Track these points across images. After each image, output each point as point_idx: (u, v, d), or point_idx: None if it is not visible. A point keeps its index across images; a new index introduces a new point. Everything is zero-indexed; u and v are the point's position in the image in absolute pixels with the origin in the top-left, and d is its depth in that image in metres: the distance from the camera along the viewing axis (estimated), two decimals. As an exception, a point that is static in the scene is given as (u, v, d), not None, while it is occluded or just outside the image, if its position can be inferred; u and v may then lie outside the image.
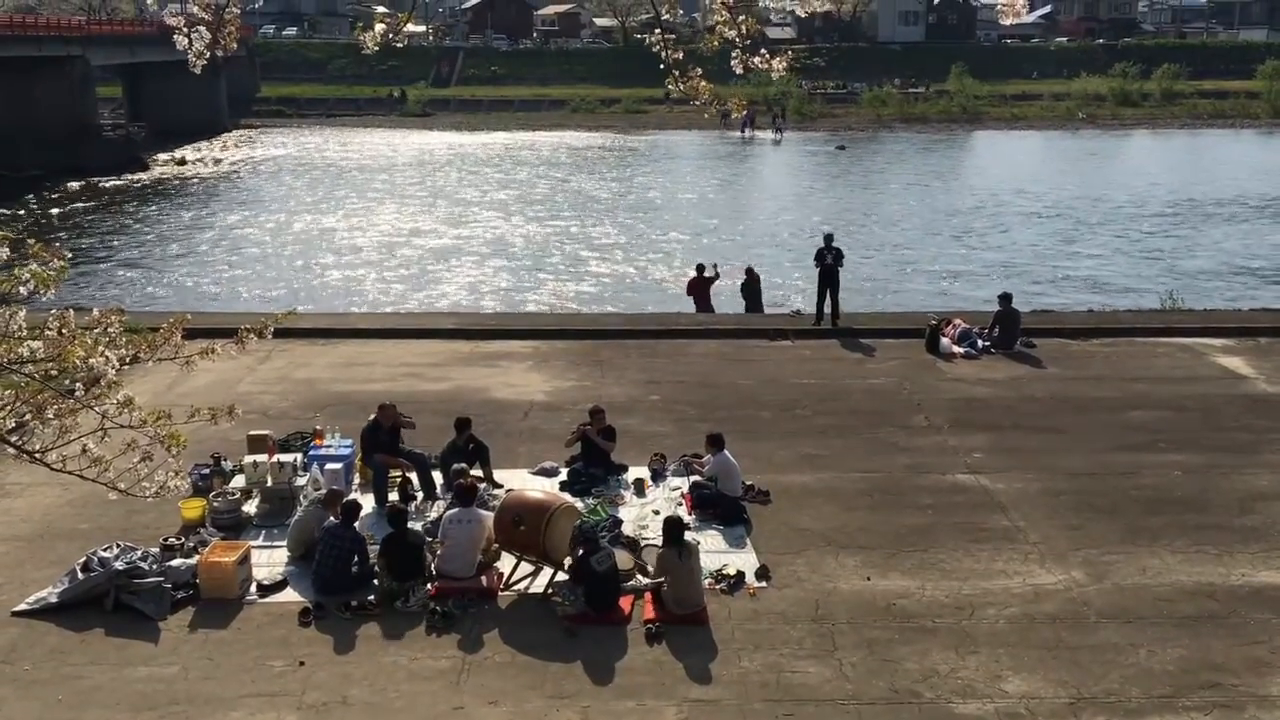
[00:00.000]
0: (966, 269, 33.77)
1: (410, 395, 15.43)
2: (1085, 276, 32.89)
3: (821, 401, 16.03)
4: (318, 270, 34.02)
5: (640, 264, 34.41)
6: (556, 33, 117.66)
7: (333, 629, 9.71)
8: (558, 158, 64.83)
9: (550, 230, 40.60)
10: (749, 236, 39.18)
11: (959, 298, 28.51)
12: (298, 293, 30.39)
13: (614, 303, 29.01)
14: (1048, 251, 36.78)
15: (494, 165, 61.35)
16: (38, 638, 9.54)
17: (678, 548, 10.07)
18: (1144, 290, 29.82)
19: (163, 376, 15.24)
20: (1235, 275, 33.20)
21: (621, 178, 56.03)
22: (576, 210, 45.26)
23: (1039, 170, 58.24)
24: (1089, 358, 18.52)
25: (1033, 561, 11.04)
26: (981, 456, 13.85)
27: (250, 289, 31.56)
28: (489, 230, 40.69)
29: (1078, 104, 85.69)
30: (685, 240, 38.35)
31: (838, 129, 79.27)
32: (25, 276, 4.66)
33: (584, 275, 33.07)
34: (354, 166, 61.31)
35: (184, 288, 32.02)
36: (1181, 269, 33.92)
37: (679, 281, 27.16)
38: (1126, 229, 40.93)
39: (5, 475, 12.69)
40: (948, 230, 40.67)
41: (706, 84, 5.57)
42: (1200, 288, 30.40)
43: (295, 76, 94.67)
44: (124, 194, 52.33)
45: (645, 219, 43.21)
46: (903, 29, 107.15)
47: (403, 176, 56.71)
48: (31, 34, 59.39)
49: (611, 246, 37.54)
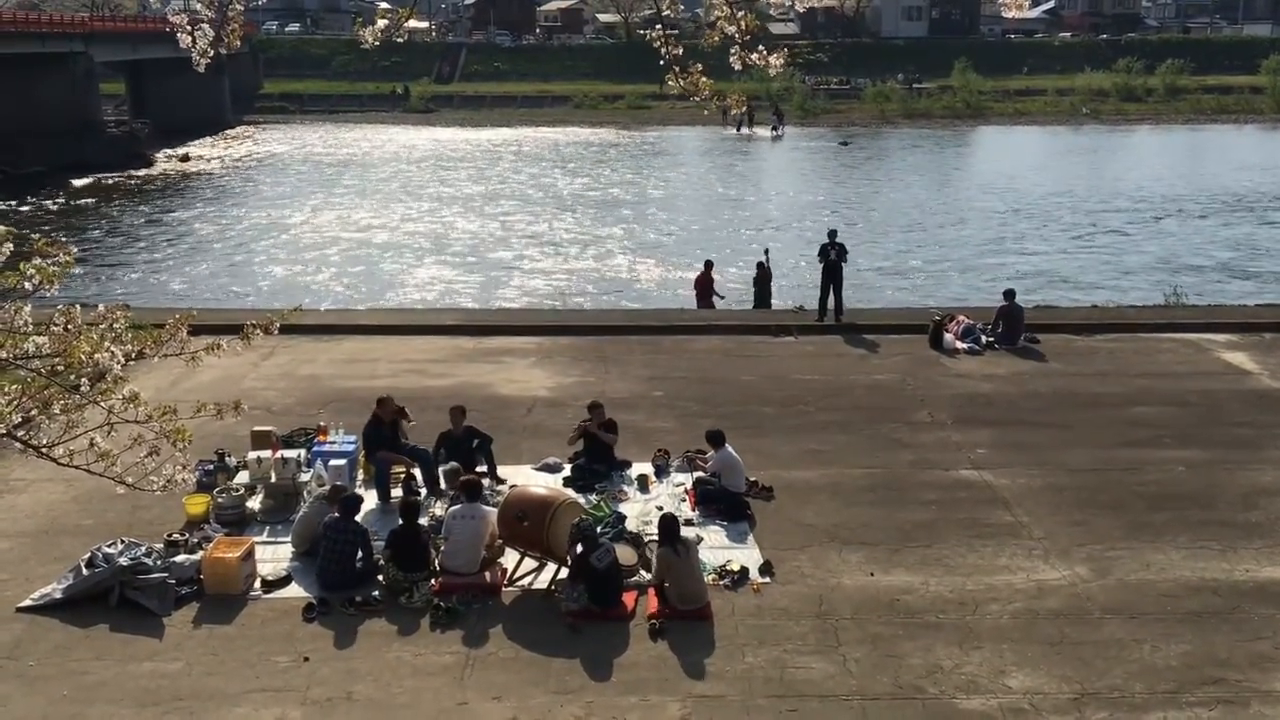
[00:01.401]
0: (968, 265, 33.76)
1: (414, 391, 15.44)
2: (1086, 271, 32.88)
3: (825, 397, 16.02)
4: (321, 266, 34.04)
5: (643, 260, 34.39)
6: (559, 29, 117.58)
7: (337, 624, 9.73)
8: (560, 154, 64.83)
9: (553, 226, 40.62)
10: (752, 231, 39.16)
11: (962, 294, 28.53)
12: (302, 288, 30.42)
13: (617, 298, 29.03)
14: (1048, 246, 36.77)
15: (496, 161, 61.37)
16: (42, 633, 9.55)
17: (674, 545, 10.06)
18: (1148, 286, 29.81)
19: (167, 373, 15.26)
20: (1239, 270, 33.19)
21: (624, 174, 56.03)
22: (578, 206, 45.27)
23: (1041, 165, 58.23)
24: (1092, 353, 18.51)
25: (1036, 557, 11.04)
26: (985, 452, 13.85)
27: (254, 284, 31.59)
28: (490, 226, 40.71)
29: (1081, 100, 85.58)
30: (687, 236, 38.36)
31: (841, 125, 79.22)
32: (30, 272, 4.67)
33: (586, 271, 33.06)
34: (357, 163, 61.35)
35: (188, 284, 32.05)
36: (1184, 264, 33.90)
37: (683, 277, 27.17)
38: (1129, 223, 40.92)
39: (10, 471, 12.71)
40: (950, 226, 40.68)
41: (707, 80, 5.56)
42: (1205, 283, 30.40)
43: (298, 73, 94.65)
44: (127, 190, 52.40)
45: (648, 215, 43.21)
46: (906, 24, 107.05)
47: (404, 172, 56.75)
48: (34, 30, 59.48)
49: (614, 242, 37.55)
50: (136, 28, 74.54)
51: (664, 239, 38.34)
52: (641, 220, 41.97)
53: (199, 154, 65.26)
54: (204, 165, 61.09)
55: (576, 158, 63.19)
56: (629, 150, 67.16)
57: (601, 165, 59.75)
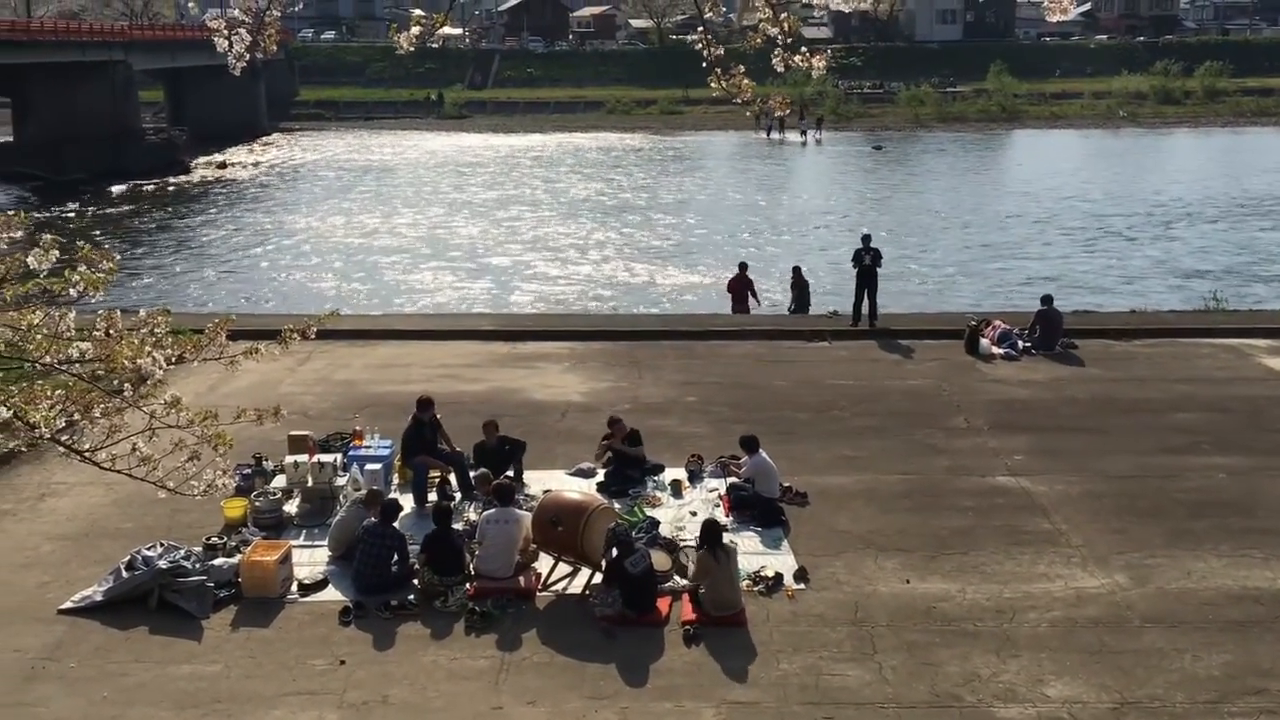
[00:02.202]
0: (1005, 270, 33.52)
1: (447, 396, 15.46)
2: (1125, 276, 32.56)
3: (859, 403, 15.94)
4: (357, 270, 34.31)
5: (675, 265, 34.40)
6: (592, 34, 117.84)
7: (372, 628, 9.77)
8: (591, 159, 65.00)
9: (586, 231, 40.73)
10: (787, 236, 39.10)
11: (999, 298, 28.32)
12: (337, 293, 30.66)
13: (649, 304, 29.06)
14: (1086, 251, 36.46)
15: (528, 167, 61.61)
16: (83, 635, 9.66)
17: (715, 550, 10.04)
18: (1186, 290, 29.50)
19: (205, 377, 15.41)
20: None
21: (656, 179, 56.10)
22: (610, 211, 45.38)
23: (1078, 169, 57.77)
24: (1131, 359, 18.31)
25: (1075, 565, 10.92)
26: (1022, 458, 13.72)
27: (290, 289, 31.86)
28: (523, 231, 40.87)
29: (1119, 102, 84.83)
30: (718, 240, 38.33)
31: (874, 129, 78.94)
32: (75, 279, 4.73)
33: (620, 276, 33.10)
34: (391, 168, 61.78)
35: (225, 288, 32.39)
36: (1224, 267, 33.51)
37: (716, 282, 27.14)
38: (1169, 228, 40.52)
39: (51, 475, 12.87)
40: (986, 231, 40.43)
41: (749, 82, 5.55)
42: (1244, 288, 30.03)
43: (333, 80, 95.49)
44: (165, 196, 53.01)
45: (680, 220, 43.22)
46: (940, 27, 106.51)
47: (438, 178, 57.11)
48: (75, 39, 60.35)
49: (648, 247, 37.59)
50: (175, 36, 75.47)
51: (695, 243, 38.35)
52: (674, 225, 42.00)
53: (235, 160, 65.94)
54: (240, 172, 61.71)
55: (607, 163, 63.33)
56: (661, 155, 67.24)
57: (633, 170, 59.85)
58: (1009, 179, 55.42)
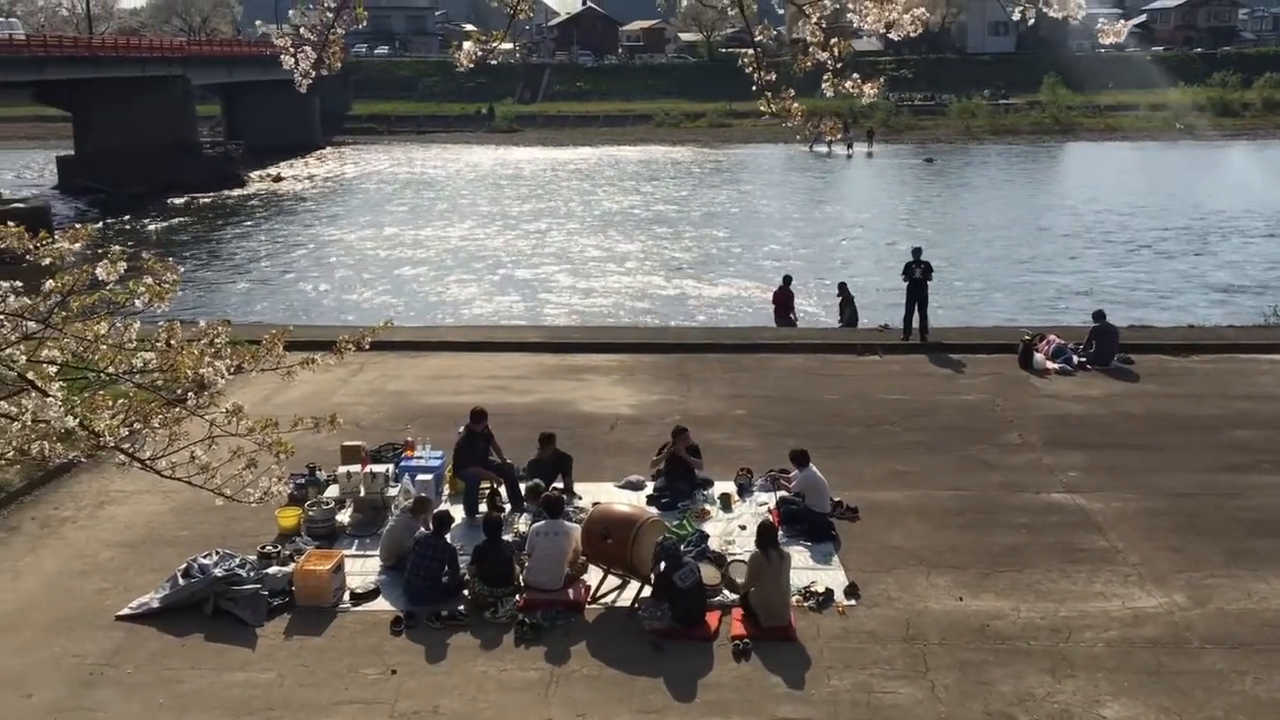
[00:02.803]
0: (1062, 283, 33.13)
1: (497, 408, 15.51)
2: (1183, 290, 32.05)
3: (911, 417, 15.80)
4: (408, 282, 34.63)
5: (726, 278, 34.36)
6: (642, 48, 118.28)
7: (423, 638, 9.83)
8: (641, 172, 65.18)
9: (635, 245, 40.80)
10: (837, 250, 38.95)
11: (1052, 313, 27.99)
12: (390, 305, 30.96)
13: (699, 316, 29.05)
14: (1143, 266, 35.94)
15: (577, 180, 61.90)
16: (140, 641, 9.80)
17: (769, 551, 9.98)
18: (1245, 305, 28.99)
19: (260, 388, 15.60)
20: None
21: (704, 191, 56.12)
22: (656, 224, 45.44)
23: (1133, 182, 56.98)
24: (1188, 374, 18.00)
25: (1132, 584, 10.74)
26: (1077, 475, 13.52)
27: (343, 300, 32.23)
28: (570, 244, 41.05)
29: (1175, 115, 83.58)
30: (771, 253, 38.24)
31: (925, 141, 78.46)
32: (140, 290, 4.82)
33: (669, 288, 33.12)
34: (442, 181, 62.36)
35: (280, 299, 32.83)
36: (1259, 283, 32.92)
37: (765, 295, 27.07)
38: (1226, 241, 39.85)
39: (110, 483, 13.10)
40: (1041, 245, 39.99)
41: (799, 105, 5.55)
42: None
43: (386, 94, 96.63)
44: (222, 209, 53.88)
45: (730, 233, 43.17)
46: (992, 39, 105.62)
47: (502, 191, 57.57)
48: (135, 55, 61.63)
49: (697, 260, 37.57)
50: (232, 51, 76.83)
51: (743, 256, 38.26)
52: (720, 237, 41.94)
53: (290, 174, 66.84)
54: (294, 185, 62.57)
55: (655, 175, 63.47)
56: (709, 167, 67.28)
57: (680, 182, 59.94)
58: (1068, 192, 54.81)
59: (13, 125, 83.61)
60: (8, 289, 4.65)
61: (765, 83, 5.53)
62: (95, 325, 4.79)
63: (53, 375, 4.80)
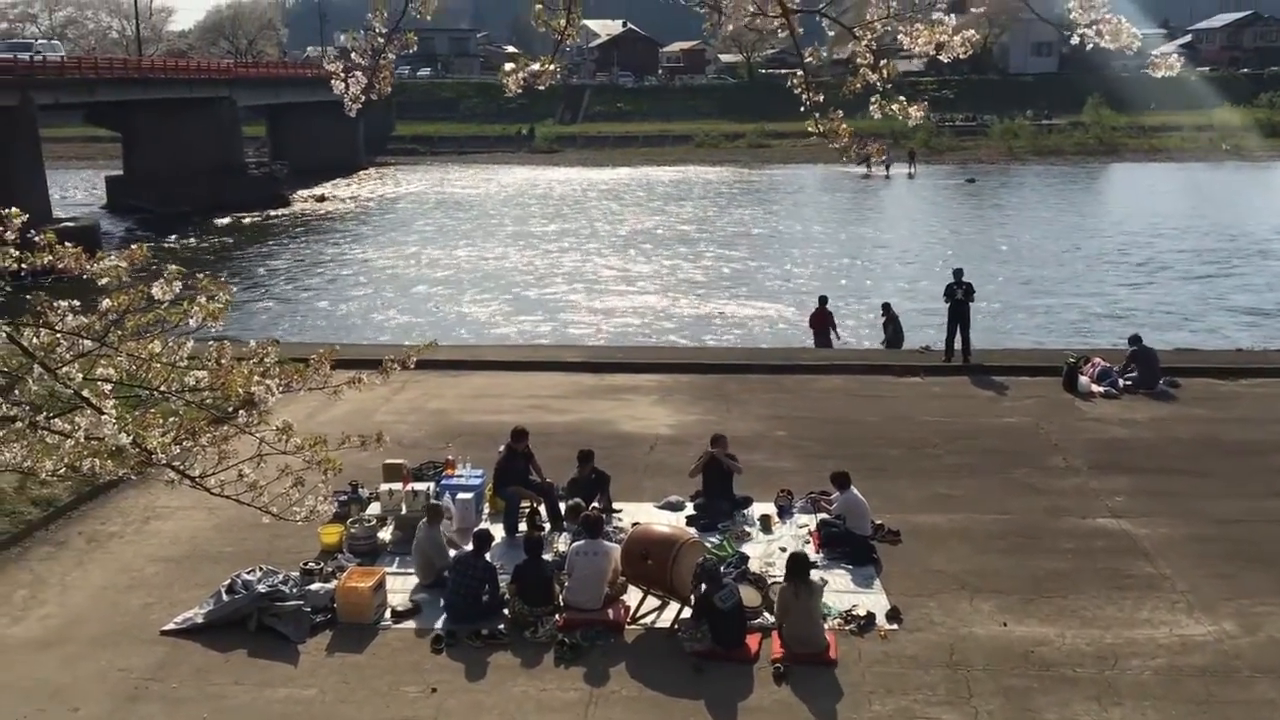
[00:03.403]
0: (1106, 306, 32.78)
1: (537, 427, 15.55)
2: (1229, 313, 31.62)
3: (953, 440, 15.67)
4: (449, 301, 34.85)
5: (760, 297, 34.30)
6: (682, 69, 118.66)
7: (464, 657, 9.85)
8: (681, 192, 65.29)
9: (668, 263, 40.82)
10: (879, 271, 38.80)
11: (1098, 335, 27.71)
12: (431, 324, 31.17)
13: (737, 336, 29.01)
14: (1191, 289, 35.50)
15: (616, 200, 62.11)
16: (185, 657, 9.90)
17: (795, 585, 9.92)
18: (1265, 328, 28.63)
19: (304, 406, 15.70)
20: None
21: (743, 212, 56.09)
22: (693, 243, 45.44)
23: (1180, 205, 56.33)
24: (1237, 398, 17.74)
25: (1180, 611, 10.57)
26: (1124, 500, 13.34)
27: (386, 319, 32.49)
28: (611, 263, 41.14)
29: (1221, 135, 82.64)
30: (810, 273, 38.14)
31: (967, 162, 78.06)
32: (194, 309, 4.90)
33: (707, 309, 33.09)
34: (483, 201, 62.79)
35: (324, 318, 33.15)
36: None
37: (803, 315, 27.01)
38: (1267, 264, 39.34)
39: (156, 499, 13.25)
40: (1085, 267, 39.61)
41: (846, 126, 5.55)
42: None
43: (429, 115, 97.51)
44: (267, 229, 54.53)
45: (765, 253, 43.11)
46: (1035, 60, 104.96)
47: (528, 211, 57.87)
48: (183, 77, 62.66)
49: (734, 280, 37.53)
50: (278, 73, 77.99)
51: (781, 277, 38.18)
52: (758, 257, 41.88)
53: (333, 194, 67.58)
54: (337, 205, 63.22)
55: (694, 195, 63.54)
56: (749, 188, 67.28)
57: (720, 202, 59.96)
58: (1115, 213, 54.28)
59: (63, 145, 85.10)
60: (66, 308, 4.74)
61: (814, 103, 5.54)
62: (149, 344, 4.87)
63: (106, 393, 4.87)
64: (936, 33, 4.83)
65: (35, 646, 10.07)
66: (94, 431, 4.89)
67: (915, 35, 4.90)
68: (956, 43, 4.88)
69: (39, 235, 4.68)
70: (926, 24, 4.86)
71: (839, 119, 5.31)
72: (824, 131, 5.33)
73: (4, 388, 4.93)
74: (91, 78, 55.00)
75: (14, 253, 4.69)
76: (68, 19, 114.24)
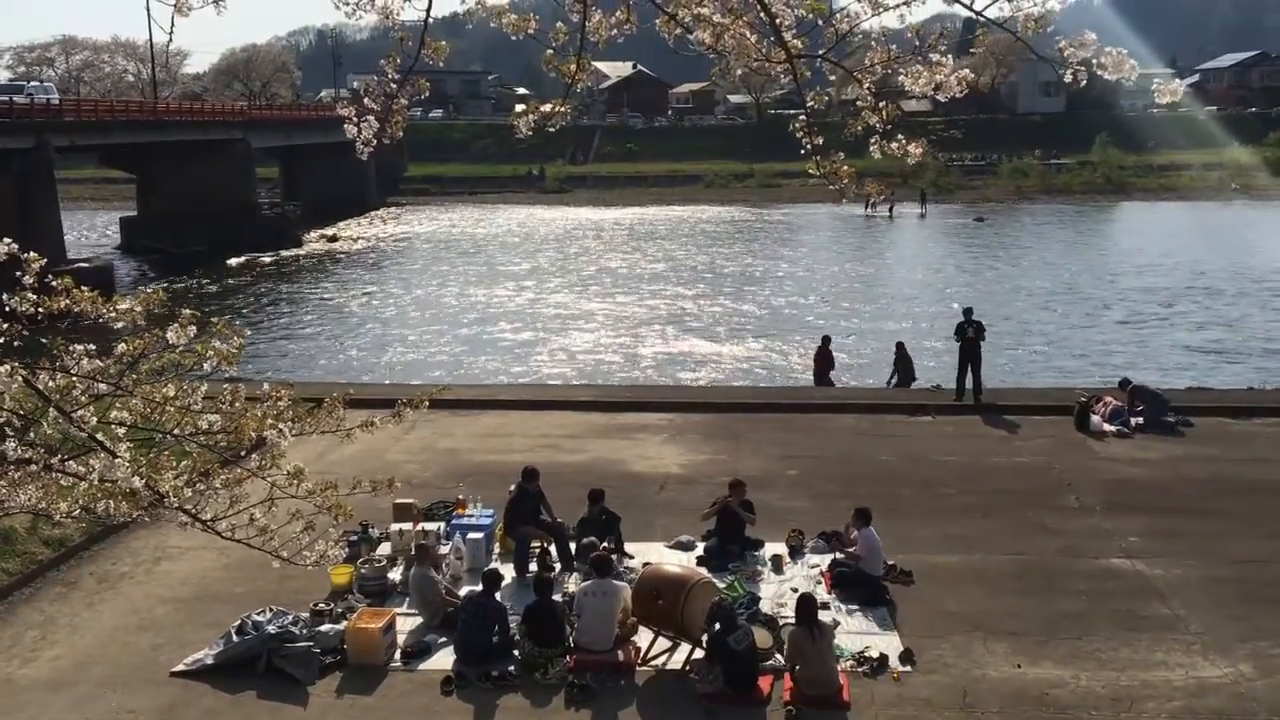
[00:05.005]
0: (1117, 347, 32.74)
1: (547, 467, 15.54)
2: (1241, 353, 31.53)
3: (965, 480, 15.61)
4: (460, 341, 34.94)
5: (768, 337, 34.33)
6: (691, 110, 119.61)
7: (473, 698, 9.79)
8: (690, 231, 65.57)
9: (680, 304, 40.92)
10: (887, 311, 38.82)
11: (1110, 374, 27.64)
12: (442, 364, 31.25)
13: (747, 376, 29.01)
14: (1202, 328, 35.45)
15: (626, 240, 62.36)
16: (194, 699, 9.86)
17: (809, 627, 9.86)
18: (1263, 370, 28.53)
19: (315, 445, 15.68)
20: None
21: (750, 251, 56.29)
22: (705, 284, 45.54)
23: (1189, 243, 56.34)
24: (1250, 438, 17.65)
25: (1195, 653, 10.47)
26: (1138, 540, 13.25)
27: (398, 359, 32.58)
28: (619, 304, 41.25)
29: (1230, 174, 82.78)
30: (820, 313, 38.19)
31: (975, 201, 78.26)
32: (209, 353, 4.93)
33: (717, 349, 33.13)
34: (494, 242, 63.12)
35: (336, 358, 33.26)
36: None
37: (807, 356, 27.02)
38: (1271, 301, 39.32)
39: (166, 539, 13.25)
40: (1097, 307, 39.60)
41: (848, 168, 5.60)
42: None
43: (440, 156, 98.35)
44: (280, 269, 54.86)
45: (773, 292, 43.20)
46: (1043, 100, 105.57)
47: (538, 251, 58.15)
48: (198, 119, 63.40)
49: (743, 320, 37.59)
50: (291, 116, 78.81)
51: (788, 316, 38.26)
52: (768, 296, 41.98)
53: (346, 234, 68.00)
54: (349, 245, 63.60)
55: (703, 235, 63.80)
56: (757, 228, 67.56)
57: (727, 242, 60.19)
58: (1125, 252, 54.33)
59: (78, 187, 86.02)
60: (81, 351, 4.77)
61: (815, 146, 5.59)
62: (163, 388, 4.90)
63: (120, 436, 4.90)
64: (934, 73, 4.90)
65: (46, 688, 10.05)
66: (108, 474, 4.91)
67: (915, 76, 4.96)
68: (953, 82, 4.94)
69: (56, 280, 4.73)
70: (925, 65, 4.92)
71: (840, 160, 5.36)
72: (824, 173, 5.38)
73: (20, 430, 4.96)
74: (107, 120, 55.66)
75: (31, 296, 4.73)
76: (84, 62, 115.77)
